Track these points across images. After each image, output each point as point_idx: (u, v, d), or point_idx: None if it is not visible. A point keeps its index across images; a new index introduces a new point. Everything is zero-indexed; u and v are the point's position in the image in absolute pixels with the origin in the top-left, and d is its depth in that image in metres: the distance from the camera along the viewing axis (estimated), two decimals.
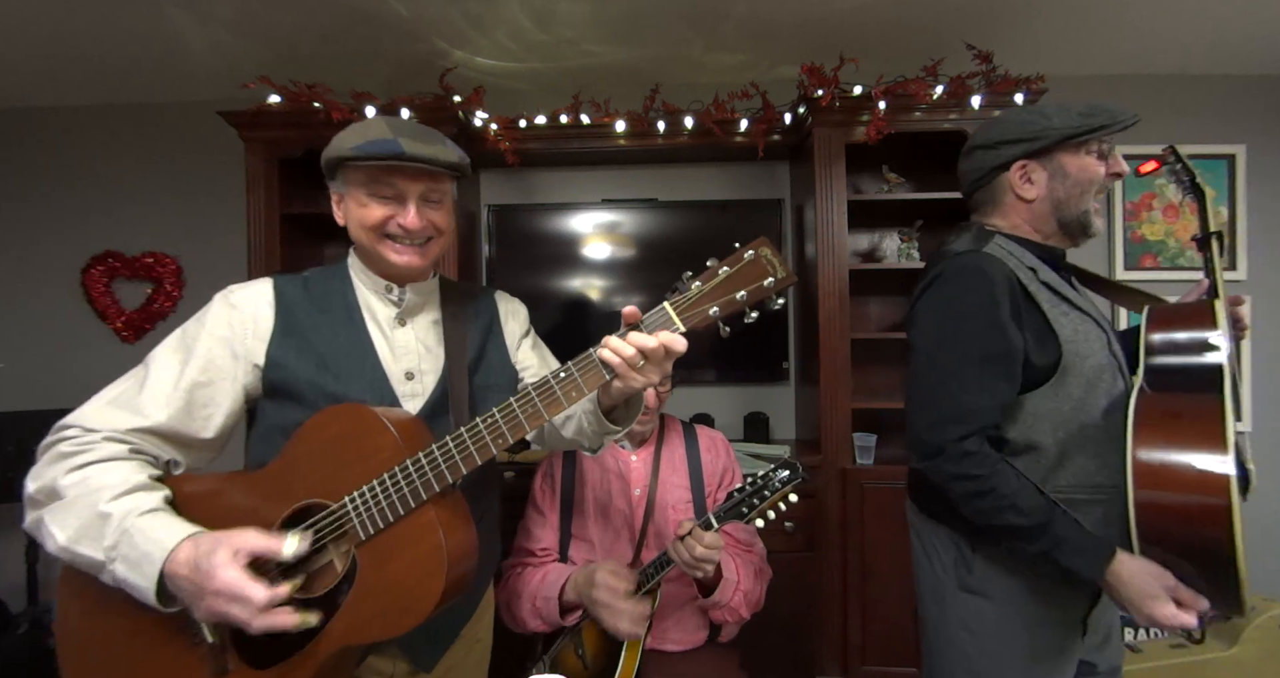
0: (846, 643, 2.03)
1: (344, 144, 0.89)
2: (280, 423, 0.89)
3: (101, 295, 2.50)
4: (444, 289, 1.05)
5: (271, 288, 0.95)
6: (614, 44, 2.19)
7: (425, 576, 0.76)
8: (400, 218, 0.91)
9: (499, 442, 0.81)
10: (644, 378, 0.81)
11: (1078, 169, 1.02)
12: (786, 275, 0.78)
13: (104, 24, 1.97)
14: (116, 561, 0.73)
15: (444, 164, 0.91)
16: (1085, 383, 0.97)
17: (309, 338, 0.92)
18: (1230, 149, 2.43)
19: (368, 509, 0.79)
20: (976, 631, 1.04)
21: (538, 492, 1.44)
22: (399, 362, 0.96)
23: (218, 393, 0.88)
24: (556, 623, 1.28)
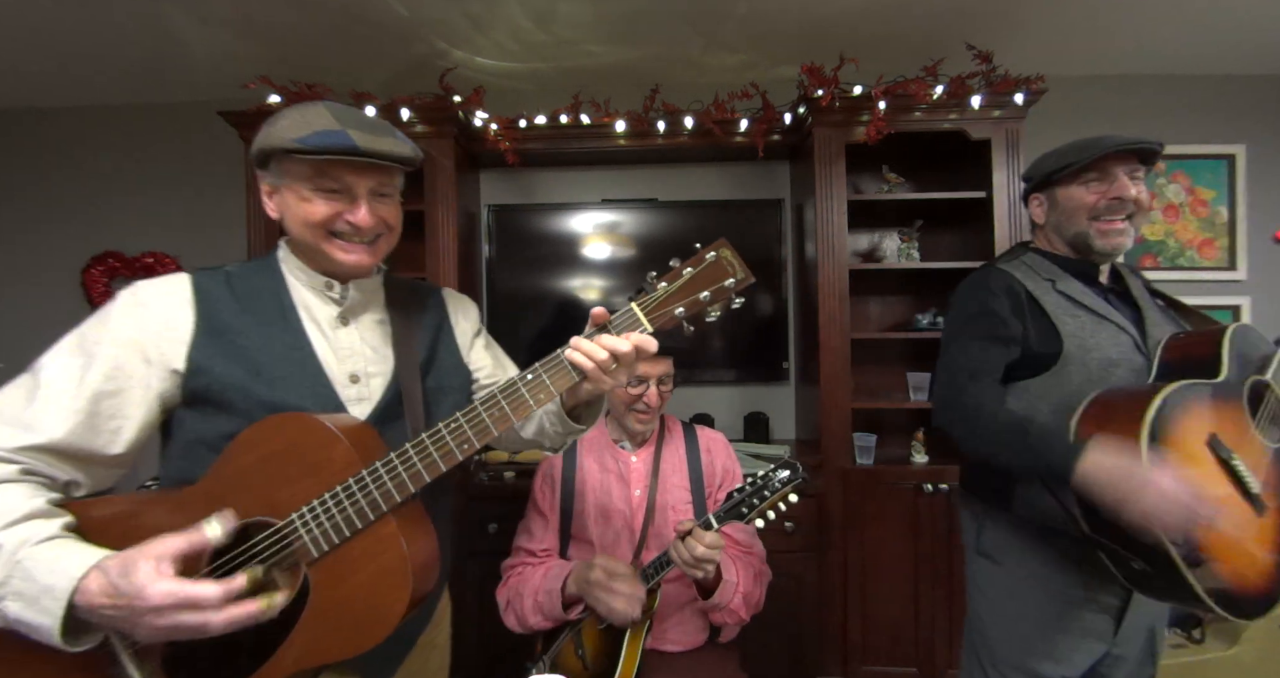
0: (846, 643, 2.03)
1: (284, 134, 0.79)
2: (204, 435, 0.79)
3: (101, 295, 2.50)
4: (388, 286, 0.98)
5: (189, 284, 0.84)
6: (614, 44, 2.19)
7: (389, 590, 0.72)
8: (350, 215, 0.83)
9: (464, 447, 0.77)
10: (614, 380, 0.80)
11: (1065, 198, 1.21)
12: (745, 276, 0.80)
13: (104, 24, 1.97)
14: (7, 598, 0.64)
15: (398, 159, 0.83)
16: (1087, 372, 1.10)
17: (237, 340, 0.82)
18: (1230, 149, 2.43)
19: (319, 525, 0.73)
20: (986, 591, 1.22)
21: (538, 492, 1.44)
22: (343, 364, 0.88)
23: (126, 403, 0.77)
24: (559, 618, 1.28)
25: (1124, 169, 1.15)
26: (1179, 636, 1.95)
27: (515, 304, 2.46)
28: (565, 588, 1.27)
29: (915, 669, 2.01)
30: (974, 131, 2.06)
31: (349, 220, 0.84)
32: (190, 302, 0.83)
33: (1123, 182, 1.15)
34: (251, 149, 0.84)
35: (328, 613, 0.73)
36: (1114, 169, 1.16)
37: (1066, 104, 2.41)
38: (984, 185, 2.10)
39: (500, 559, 1.44)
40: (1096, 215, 1.17)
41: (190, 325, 0.81)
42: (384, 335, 0.93)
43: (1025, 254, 1.26)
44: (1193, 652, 1.89)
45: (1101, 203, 1.16)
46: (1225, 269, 2.44)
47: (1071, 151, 1.19)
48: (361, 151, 0.79)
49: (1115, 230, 1.16)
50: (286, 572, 0.76)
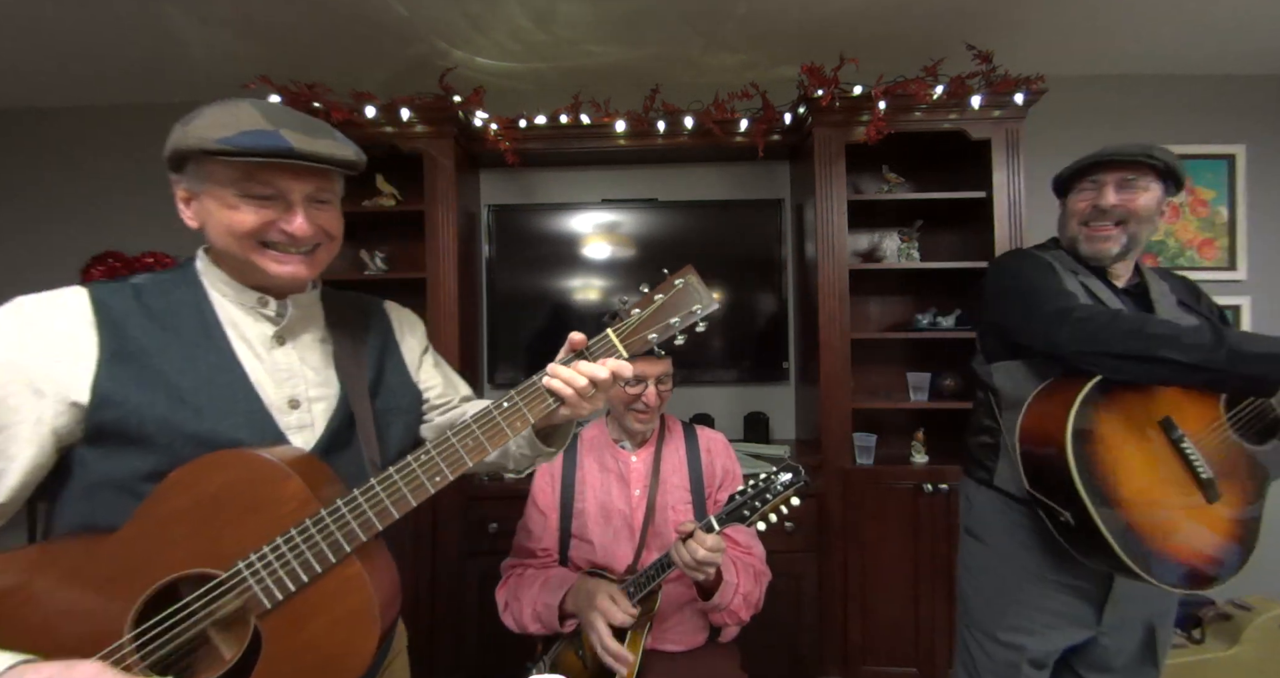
0: (846, 643, 2.03)
1: (204, 133, 0.70)
2: (111, 476, 0.69)
3: None
4: (327, 301, 0.90)
5: (87, 300, 0.72)
6: (614, 44, 2.19)
7: (356, 633, 0.68)
8: (284, 223, 0.74)
9: (436, 480, 0.73)
10: (592, 405, 0.81)
11: (1065, 206, 1.30)
12: (710, 302, 0.81)
13: (104, 24, 1.97)
14: None
15: (340, 162, 0.75)
16: None
17: (154, 365, 0.71)
18: (1230, 149, 2.43)
19: (273, 573, 0.67)
20: (970, 567, 1.31)
21: (538, 492, 1.44)
22: (280, 388, 0.79)
23: (12, 442, 0.66)
24: (555, 630, 1.28)
25: (1115, 178, 1.20)
26: (1179, 636, 1.95)
27: (515, 304, 2.46)
28: (564, 603, 1.27)
29: (915, 669, 2.01)
30: (974, 131, 2.06)
31: (284, 230, 0.74)
32: (90, 321, 0.71)
33: (1104, 190, 1.20)
34: (166, 151, 0.75)
35: (284, 664, 0.67)
36: (1105, 178, 1.21)
37: (1066, 104, 2.41)
38: (984, 185, 2.10)
39: (500, 559, 1.44)
40: (1085, 221, 1.23)
41: (93, 349, 0.70)
42: (325, 355, 0.85)
43: (1055, 249, 1.32)
44: (1193, 652, 1.89)
45: (1087, 210, 1.22)
46: (1225, 269, 2.44)
47: (1078, 161, 1.25)
48: (297, 154, 0.70)
49: (1100, 236, 1.21)
50: (227, 630, 0.69)
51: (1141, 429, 1.05)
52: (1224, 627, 1.93)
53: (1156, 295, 1.24)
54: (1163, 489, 1.03)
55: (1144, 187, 1.20)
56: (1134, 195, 1.19)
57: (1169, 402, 1.07)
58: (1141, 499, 1.01)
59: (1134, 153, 1.18)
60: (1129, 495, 1.01)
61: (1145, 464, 1.04)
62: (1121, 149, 1.19)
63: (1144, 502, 1.01)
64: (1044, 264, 1.24)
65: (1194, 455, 1.04)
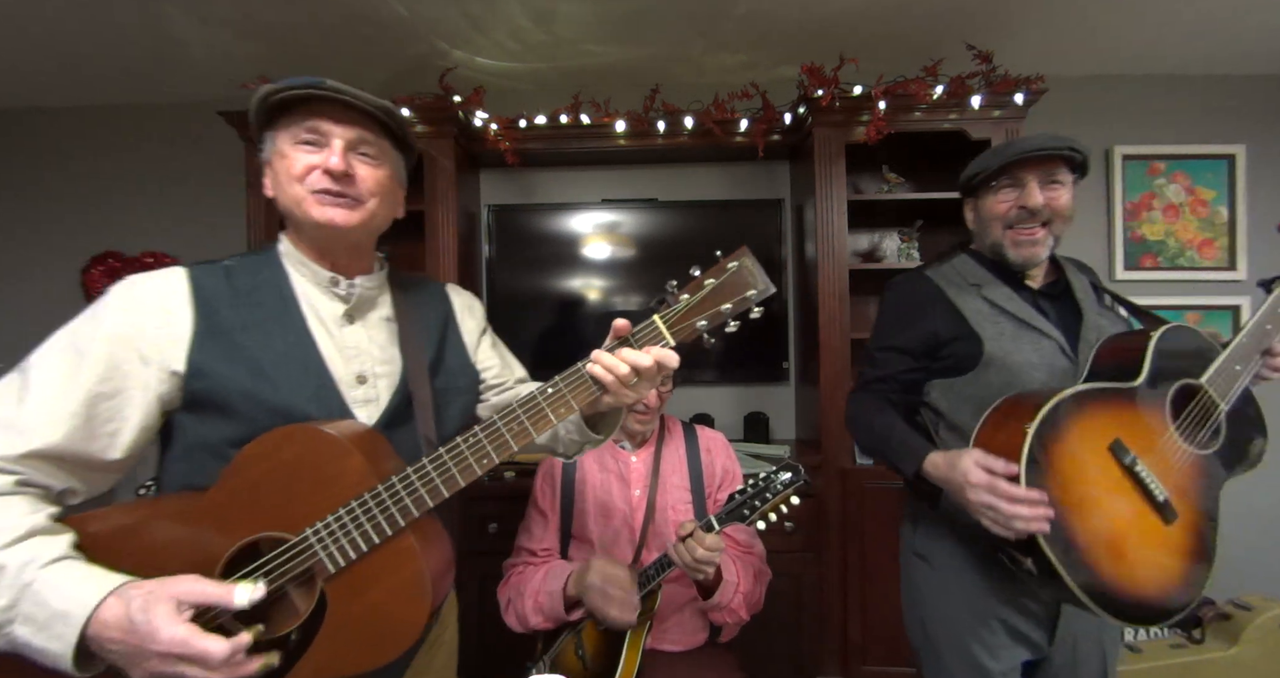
0: (846, 643, 2.03)
1: (263, 91, 0.79)
2: (206, 440, 0.76)
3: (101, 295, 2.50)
4: (393, 281, 0.95)
5: (186, 279, 0.80)
6: (614, 44, 2.19)
7: (408, 604, 0.72)
8: (323, 162, 0.80)
9: (483, 462, 0.76)
10: (635, 394, 0.79)
11: (983, 207, 1.20)
12: (766, 286, 0.78)
13: (104, 24, 1.97)
14: (17, 621, 0.62)
15: (371, 104, 0.80)
16: (1007, 375, 1.10)
17: (238, 340, 0.78)
18: (1230, 149, 2.43)
19: (336, 541, 0.72)
20: (921, 589, 1.21)
21: (538, 492, 1.44)
22: (349, 364, 0.84)
23: (125, 405, 0.73)
24: (560, 618, 1.28)
25: (1037, 175, 1.11)
26: (1179, 636, 1.95)
27: (515, 304, 2.45)
28: (566, 589, 1.27)
29: (915, 669, 2.01)
30: (974, 131, 2.06)
31: (324, 169, 0.79)
32: (188, 299, 0.78)
33: (1030, 189, 1.11)
34: (250, 121, 0.83)
35: (345, 628, 0.72)
36: (1025, 176, 1.12)
37: (1066, 104, 2.41)
38: None
39: (500, 559, 1.44)
40: (1009, 224, 1.14)
41: (189, 324, 0.77)
42: (390, 334, 0.90)
43: (958, 257, 1.25)
44: (1193, 652, 1.89)
45: (1011, 212, 1.13)
46: (1225, 269, 2.44)
47: (987, 157, 1.16)
48: (328, 87, 0.77)
49: (1028, 240, 1.13)
50: (302, 587, 0.74)
51: (1093, 459, 0.96)
52: (1224, 627, 1.93)
53: (1081, 294, 1.17)
54: (1122, 524, 0.95)
55: (1064, 181, 1.13)
56: (1057, 192, 1.12)
57: (1116, 421, 0.98)
58: (1101, 540, 0.93)
59: (1058, 146, 1.10)
60: (1089, 540, 0.92)
61: (1101, 500, 0.95)
62: (1044, 142, 1.10)
63: (1104, 541, 0.93)
64: (912, 303, 1.20)
65: (1148, 478, 0.96)
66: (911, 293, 1.23)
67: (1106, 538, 0.94)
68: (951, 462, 1.00)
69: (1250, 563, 2.30)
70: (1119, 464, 0.97)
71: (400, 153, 0.90)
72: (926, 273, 1.24)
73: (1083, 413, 0.97)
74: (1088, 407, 0.97)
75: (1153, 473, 0.97)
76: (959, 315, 1.16)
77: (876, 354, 1.24)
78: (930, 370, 1.18)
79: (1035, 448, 0.92)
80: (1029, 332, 1.12)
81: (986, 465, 0.94)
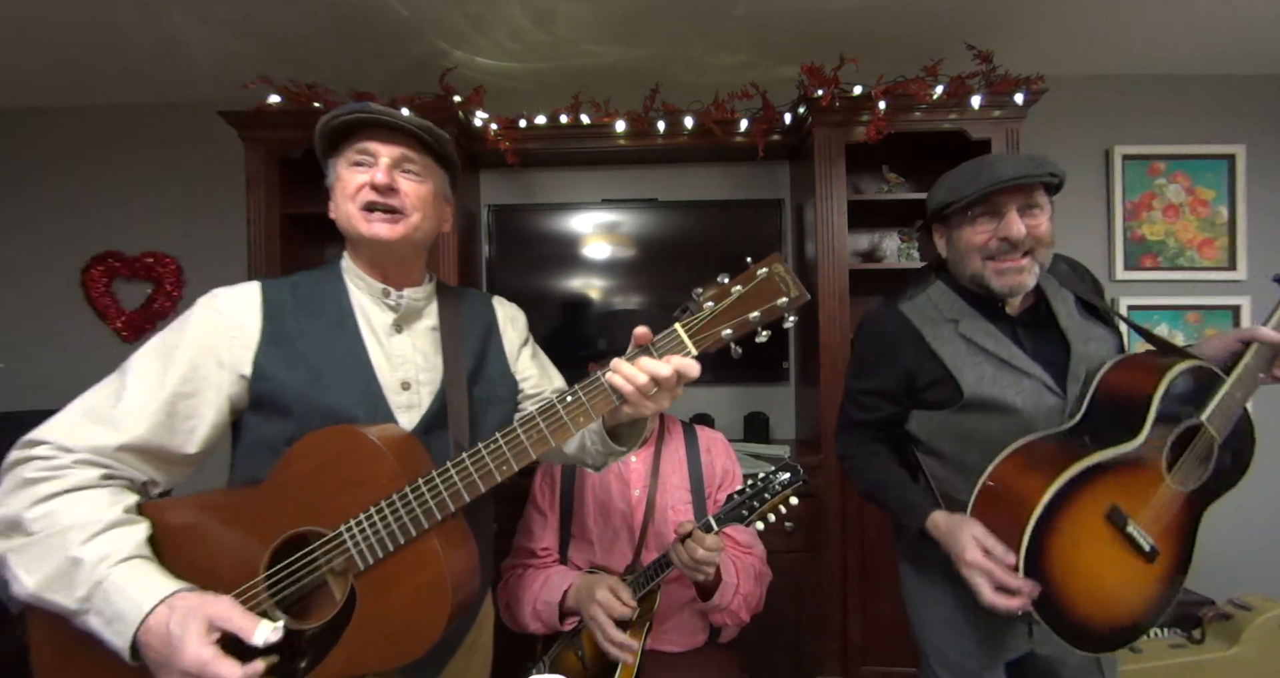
0: (846, 643, 2.03)
1: (324, 120, 0.89)
2: (266, 438, 0.84)
3: (101, 295, 2.50)
4: (440, 294, 1.01)
5: (259, 293, 0.89)
6: (614, 44, 2.19)
7: (429, 606, 0.74)
8: (370, 177, 0.88)
9: (503, 469, 0.78)
10: (655, 405, 0.79)
11: (958, 237, 1.12)
12: (800, 294, 0.75)
13: (104, 24, 1.97)
14: (90, 613, 0.68)
15: (415, 124, 0.89)
16: (985, 415, 1.09)
17: (298, 346, 0.86)
18: (1230, 149, 2.42)
19: (365, 539, 0.75)
20: (909, 592, 1.25)
21: (538, 492, 1.44)
22: (395, 371, 0.91)
23: (201, 404, 0.82)
24: (555, 628, 1.28)
25: (1016, 202, 1.05)
26: (1179, 636, 1.95)
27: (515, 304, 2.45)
28: (565, 601, 1.27)
29: (915, 669, 2.00)
30: (974, 131, 2.06)
31: (370, 184, 0.87)
32: (259, 309, 0.87)
33: (1009, 219, 1.04)
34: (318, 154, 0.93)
35: (371, 624, 0.75)
36: (1003, 203, 1.05)
37: (1066, 104, 2.41)
38: None
39: (499, 559, 1.44)
40: (990, 255, 1.07)
41: (257, 332, 0.85)
42: (435, 343, 0.96)
43: (933, 286, 1.19)
44: (1193, 652, 1.89)
45: (992, 243, 1.06)
46: (1225, 269, 2.44)
47: (960, 183, 1.08)
48: (373, 111, 0.86)
49: (1012, 269, 1.06)
50: (340, 577, 0.78)
51: (1090, 533, 0.96)
52: (1224, 627, 1.92)
53: (1065, 320, 1.11)
54: (1109, 576, 0.97)
55: (1042, 205, 1.07)
56: (1037, 219, 1.05)
57: (1114, 486, 0.97)
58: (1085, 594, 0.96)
59: (1037, 174, 1.02)
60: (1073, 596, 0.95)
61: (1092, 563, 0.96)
62: (1022, 170, 1.02)
63: (1087, 594, 0.96)
64: (886, 343, 1.16)
65: (1139, 535, 0.97)
66: (885, 332, 1.18)
67: (1090, 591, 0.96)
68: (952, 530, 1.01)
69: (1250, 563, 2.30)
70: (1114, 528, 0.97)
71: (444, 170, 0.98)
72: (900, 307, 1.18)
73: (1083, 491, 0.95)
74: (1087, 484, 0.96)
75: (1143, 528, 0.98)
76: (935, 357, 1.12)
77: (856, 397, 1.22)
78: (910, 405, 1.17)
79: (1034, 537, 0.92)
80: (1010, 372, 1.08)
81: (985, 546, 0.94)
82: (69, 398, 0.82)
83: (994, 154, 1.10)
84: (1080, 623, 0.95)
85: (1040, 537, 0.93)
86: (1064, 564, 0.94)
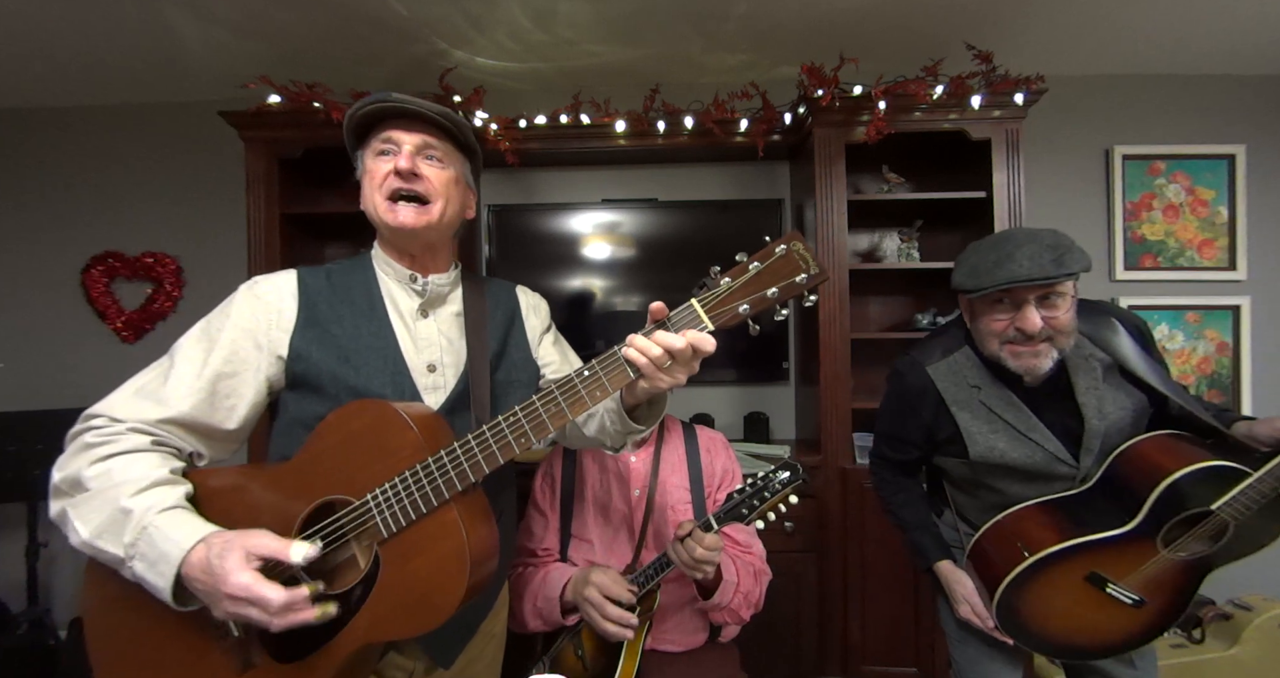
0: (846, 643, 2.03)
1: (349, 112, 0.93)
2: (301, 416, 0.88)
3: (101, 295, 2.50)
4: (465, 281, 1.06)
5: (295, 279, 0.94)
6: (614, 44, 2.19)
7: (448, 576, 0.75)
8: (396, 165, 0.91)
9: (522, 441, 0.79)
10: (671, 379, 0.80)
11: (979, 318, 1.16)
12: (820, 271, 0.75)
13: (103, 24, 1.97)
14: (135, 558, 0.73)
15: (435, 111, 0.92)
16: (992, 473, 1.20)
17: (331, 330, 0.91)
18: (1230, 149, 2.43)
19: (389, 507, 0.78)
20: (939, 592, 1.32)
21: (538, 492, 1.44)
22: (421, 354, 0.95)
23: (241, 384, 0.87)
24: (557, 623, 1.28)
25: (1035, 293, 1.06)
26: (1179, 636, 1.95)
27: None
28: (564, 595, 1.27)
29: (915, 669, 2.01)
30: (974, 131, 2.06)
31: (395, 170, 0.91)
32: (295, 294, 0.92)
33: (1025, 312, 1.06)
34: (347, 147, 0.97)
35: (395, 591, 0.77)
36: (1021, 295, 1.06)
37: (1066, 104, 2.41)
38: (984, 185, 2.10)
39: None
40: (1007, 340, 1.11)
41: (294, 316, 0.91)
42: (459, 328, 1.00)
43: (959, 351, 1.22)
44: (1193, 652, 1.89)
45: (1009, 331, 1.09)
46: (1225, 269, 2.44)
47: (982, 268, 1.09)
48: (394, 98, 0.90)
49: (1028, 353, 1.09)
50: (365, 545, 0.81)
51: (1067, 591, 1.08)
52: (1224, 627, 1.93)
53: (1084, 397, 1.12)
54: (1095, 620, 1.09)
55: (1064, 293, 1.06)
56: (1056, 311, 1.06)
57: (1095, 559, 1.06)
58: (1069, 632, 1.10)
59: (1055, 276, 1.02)
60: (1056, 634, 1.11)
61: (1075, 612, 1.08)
62: (1039, 273, 1.01)
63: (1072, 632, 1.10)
64: (910, 398, 1.24)
65: (1120, 594, 1.06)
66: (907, 391, 1.26)
67: (1069, 630, 1.10)
68: (949, 584, 1.23)
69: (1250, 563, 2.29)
70: (1093, 587, 1.07)
71: (465, 157, 1.01)
72: (928, 370, 1.23)
73: (1061, 563, 1.07)
74: (1069, 557, 1.07)
75: (1127, 587, 1.06)
76: (951, 421, 1.20)
77: (887, 441, 1.34)
78: (931, 452, 1.30)
79: (1007, 599, 1.10)
80: (1023, 442, 1.15)
81: (971, 604, 1.19)
82: (69, 398, 0.83)
83: (1017, 238, 1.08)
84: (1061, 646, 1.11)
85: (1014, 594, 1.10)
86: (1038, 614, 1.10)
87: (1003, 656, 1.25)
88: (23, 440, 2.13)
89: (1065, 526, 1.09)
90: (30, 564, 2.22)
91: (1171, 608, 1.07)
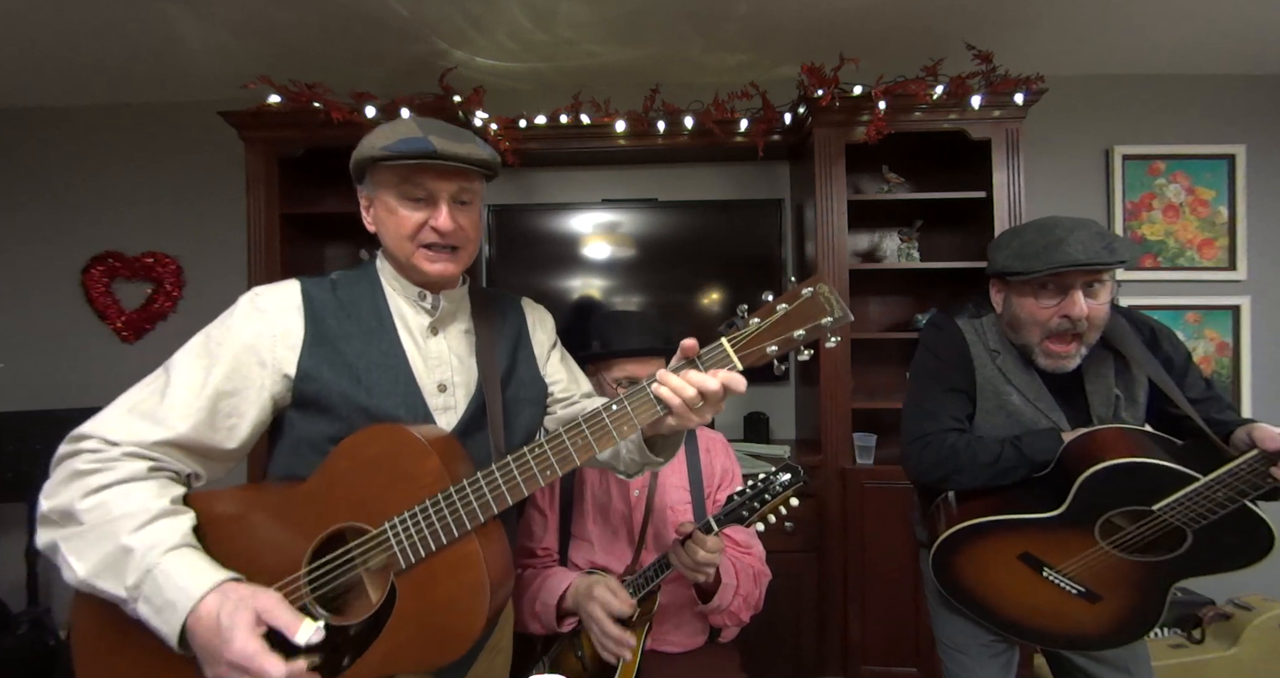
0: (846, 643, 2.03)
1: (374, 144, 0.86)
2: (309, 436, 0.85)
3: (101, 295, 2.50)
4: (473, 297, 1.02)
5: (299, 292, 0.89)
6: (614, 44, 2.19)
7: (467, 610, 0.74)
8: (433, 220, 0.87)
9: (547, 474, 0.78)
10: (700, 418, 0.79)
11: (1019, 304, 1.15)
12: (844, 314, 0.76)
13: (104, 24, 1.97)
14: (139, 601, 0.70)
15: (477, 162, 0.87)
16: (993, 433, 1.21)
17: (340, 348, 0.87)
18: (1230, 149, 2.43)
19: (409, 537, 0.76)
20: (924, 576, 1.32)
21: (538, 492, 1.44)
22: (432, 373, 0.92)
23: (243, 403, 0.83)
24: (553, 629, 1.28)
25: (1084, 279, 1.08)
26: (1179, 636, 1.96)
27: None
28: (563, 602, 1.27)
29: (915, 669, 2.01)
30: (974, 131, 2.06)
31: (432, 225, 0.87)
32: (300, 309, 0.87)
33: (1074, 297, 1.07)
34: (350, 164, 0.90)
35: (410, 623, 0.75)
36: (1071, 281, 1.08)
37: (1066, 104, 2.41)
38: (984, 185, 2.10)
39: None
40: (1050, 333, 1.12)
41: (300, 333, 0.86)
42: (468, 345, 0.97)
43: (986, 316, 1.24)
44: (1192, 652, 1.89)
45: (1054, 321, 1.10)
46: (1225, 269, 2.44)
47: (1029, 252, 1.10)
48: (439, 154, 0.83)
49: (1062, 353, 1.12)
50: (376, 575, 0.79)
51: (1000, 564, 1.13)
52: (1224, 627, 1.93)
53: (1091, 386, 1.16)
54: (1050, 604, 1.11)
55: (1105, 280, 1.10)
56: (1099, 298, 1.09)
57: (1031, 537, 1.10)
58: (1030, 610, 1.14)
59: (1110, 262, 1.04)
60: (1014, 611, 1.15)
61: (1021, 590, 1.12)
62: (1095, 258, 1.03)
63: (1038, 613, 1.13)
64: (952, 347, 1.22)
65: (1059, 580, 1.09)
66: (950, 336, 1.24)
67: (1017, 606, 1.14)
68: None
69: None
70: (1029, 568, 1.11)
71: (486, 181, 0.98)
72: (957, 321, 1.25)
73: (991, 536, 1.12)
74: (998, 532, 1.12)
75: (1070, 575, 1.09)
76: (971, 377, 1.21)
77: (926, 405, 1.22)
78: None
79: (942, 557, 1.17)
80: (1028, 408, 1.17)
81: None
82: (69, 398, 0.81)
83: (1065, 224, 1.09)
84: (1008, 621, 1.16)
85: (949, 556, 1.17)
86: (971, 579, 1.16)
87: (995, 664, 1.25)
88: (23, 440, 2.13)
89: (1002, 503, 1.13)
90: (30, 564, 2.22)
91: (1138, 609, 1.07)
